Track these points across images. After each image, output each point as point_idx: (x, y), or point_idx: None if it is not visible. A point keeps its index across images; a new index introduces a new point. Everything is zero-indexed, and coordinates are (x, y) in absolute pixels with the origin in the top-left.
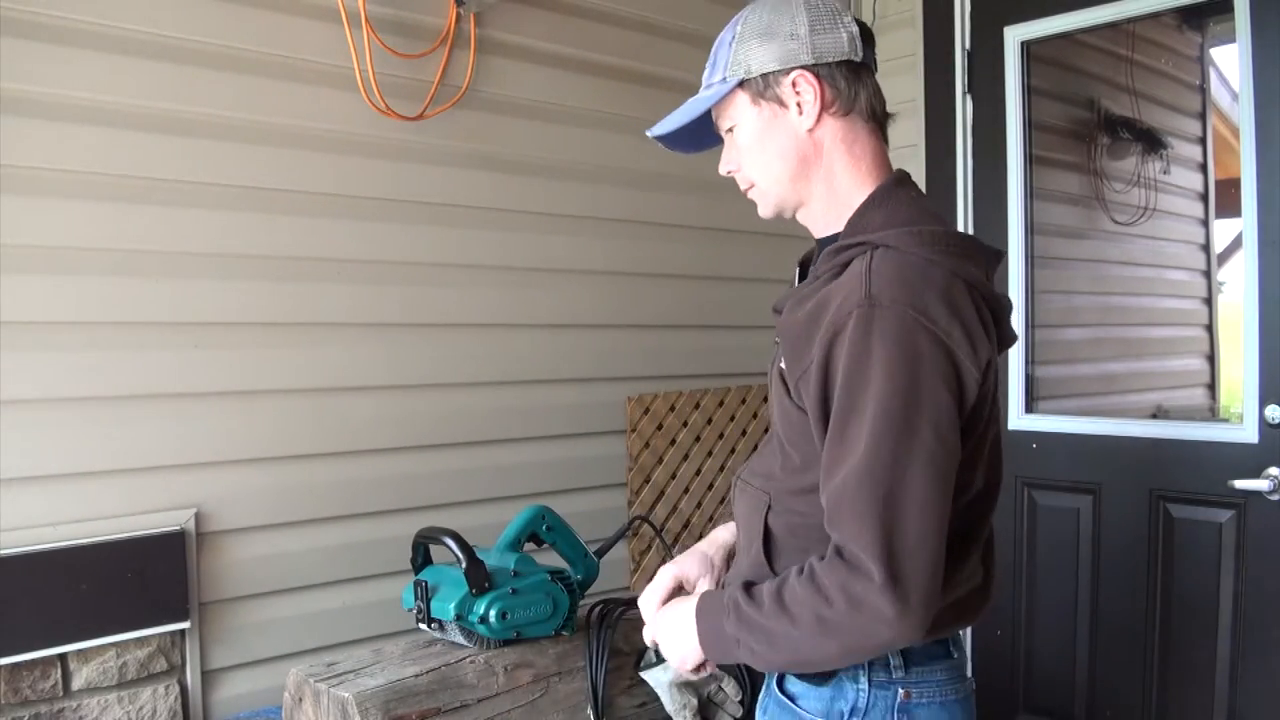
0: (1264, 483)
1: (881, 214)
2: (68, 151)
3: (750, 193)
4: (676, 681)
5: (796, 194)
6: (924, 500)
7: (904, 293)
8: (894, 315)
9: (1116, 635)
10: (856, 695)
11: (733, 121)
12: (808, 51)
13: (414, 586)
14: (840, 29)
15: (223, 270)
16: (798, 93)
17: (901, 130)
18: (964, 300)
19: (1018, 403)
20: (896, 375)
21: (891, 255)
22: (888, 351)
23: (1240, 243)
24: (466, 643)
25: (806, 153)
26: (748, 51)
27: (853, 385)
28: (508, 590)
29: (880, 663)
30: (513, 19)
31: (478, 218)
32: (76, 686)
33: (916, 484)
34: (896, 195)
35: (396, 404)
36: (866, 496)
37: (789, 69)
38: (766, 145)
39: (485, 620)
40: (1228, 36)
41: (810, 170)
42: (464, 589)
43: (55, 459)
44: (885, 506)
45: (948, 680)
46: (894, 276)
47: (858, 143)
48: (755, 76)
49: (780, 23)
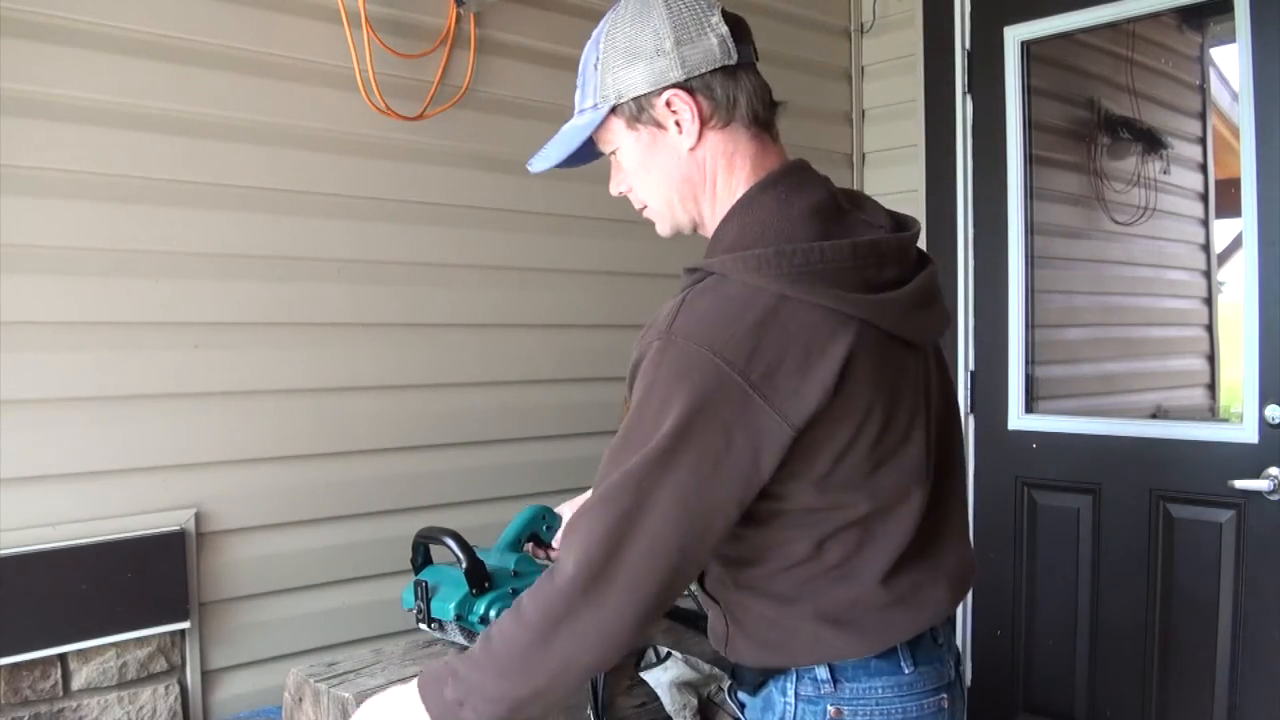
0: (1264, 483)
1: (735, 228)
2: (67, 151)
3: (645, 213)
4: (677, 681)
5: (688, 214)
6: (654, 540)
7: (704, 330)
8: (687, 352)
9: (1116, 635)
10: (784, 708)
11: (613, 145)
12: (677, 67)
13: (414, 586)
14: (707, 33)
15: (222, 270)
16: (674, 112)
17: (901, 130)
18: (790, 327)
19: (1018, 403)
20: (675, 414)
21: (713, 285)
22: (669, 389)
23: (1240, 243)
24: (467, 643)
25: (690, 173)
26: (615, 74)
27: (633, 415)
28: (508, 590)
29: (808, 675)
30: (513, 19)
31: (477, 218)
32: (76, 686)
33: (654, 521)
34: (759, 201)
35: (396, 404)
36: (597, 518)
37: (660, 89)
38: (651, 168)
39: (485, 620)
40: (1228, 36)
41: (696, 190)
42: (464, 589)
43: (55, 459)
44: (610, 532)
45: (893, 697)
46: (704, 311)
47: (738, 153)
48: (627, 101)
49: (643, 38)
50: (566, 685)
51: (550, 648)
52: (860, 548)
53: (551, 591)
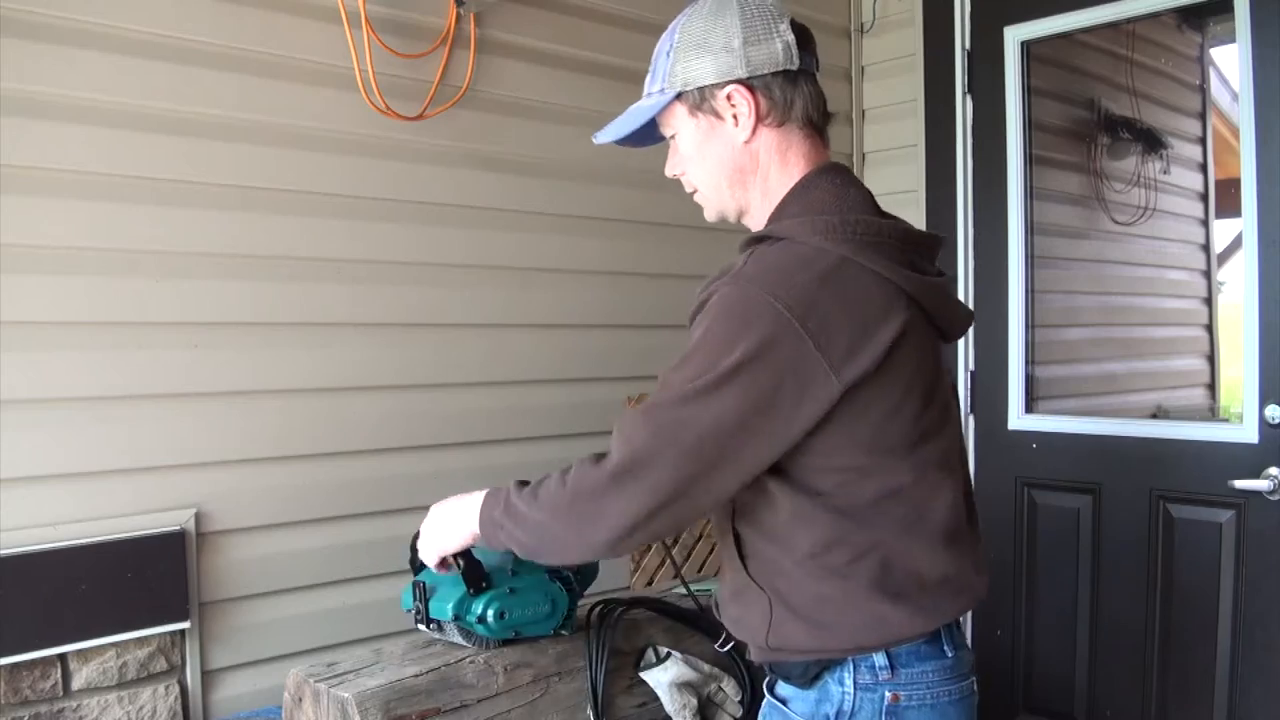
0: (1264, 483)
1: (798, 205)
2: (68, 151)
3: (695, 197)
4: (676, 682)
5: (736, 201)
6: (685, 456)
7: (771, 278)
8: (748, 293)
9: (1116, 635)
10: (842, 698)
11: (673, 130)
12: (742, 65)
13: (412, 588)
14: (775, 39)
15: (223, 270)
16: (733, 106)
17: (901, 130)
18: (849, 288)
19: (1018, 403)
20: (735, 351)
21: (781, 245)
22: (732, 328)
23: (1240, 243)
24: (465, 643)
25: (743, 163)
26: (685, 63)
27: (695, 346)
28: (505, 590)
29: (865, 664)
30: (513, 19)
31: (478, 218)
32: (76, 686)
33: (690, 439)
34: (817, 183)
35: (396, 404)
36: (641, 422)
37: (724, 83)
38: (705, 154)
39: (483, 620)
40: (1228, 36)
41: (747, 179)
42: (462, 589)
43: (55, 459)
44: (653, 436)
45: (940, 681)
46: (772, 262)
47: (791, 150)
48: (692, 90)
49: (715, 34)
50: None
51: (570, 515)
52: (911, 522)
53: (593, 473)
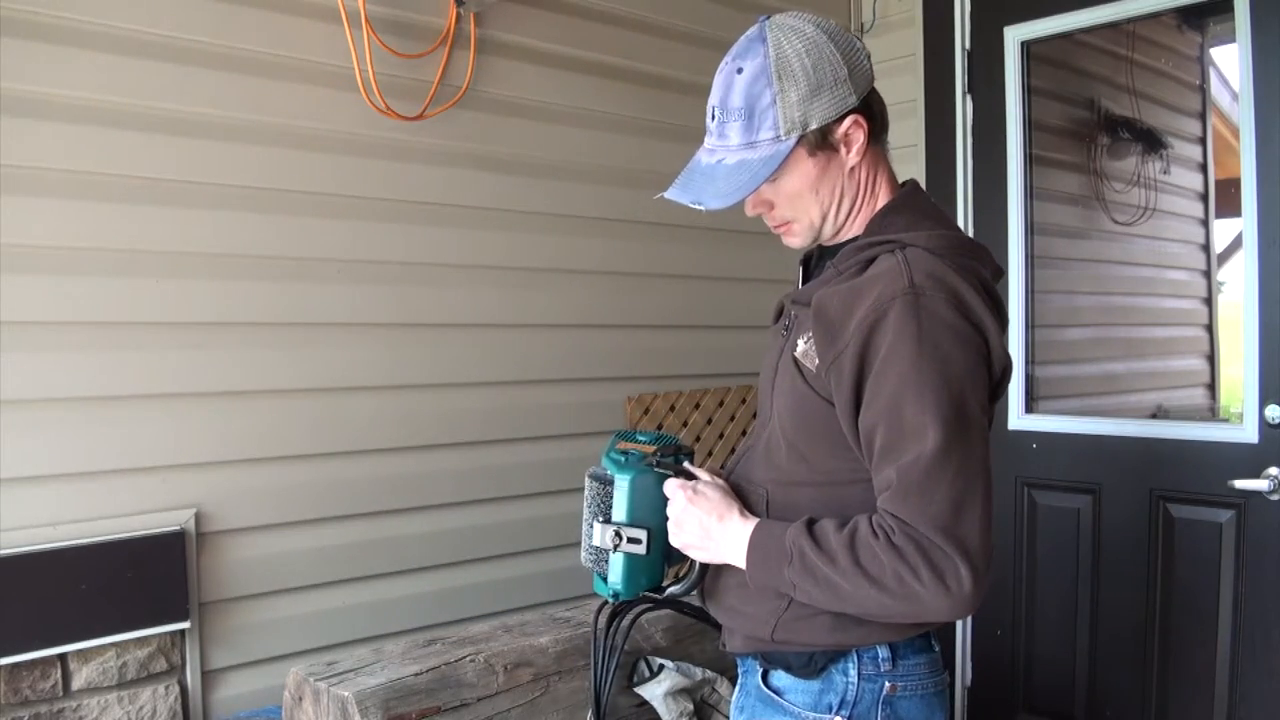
0: (1264, 483)
1: (904, 218)
2: (68, 151)
3: (786, 229)
4: (671, 692)
5: (835, 225)
6: (986, 482)
7: (943, 284)
8: (940, 302)
9: (1116, 635)
10: (846, 688)
11: (782, 174)
12: (852, 93)
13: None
14: (861, 57)
15: (223, 270)
16: (848, 136)
17: (901, 130)
18: (984, 297)
19: (1018, 403)
20: (952, 360)
21: (920, 253)
22: (939, 336)
23: (1240, 243)
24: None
25: (849, 188)
26: (802, 106)
27: (904, 369)
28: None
29: (869, 656)
30: (513, 19)
31: (477, 218)
32: (76, 686)
33: (978, 467)
34: (915, 201)
35: (396, 404)
36: (940, 480)
37: (841, 116)
38: (819, 189)
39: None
40: (1228, 36)
41: (853, 203)
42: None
43: (55, 459)
44: (957, 491)
45: (929, 674)
46: (930, 270)
47: (879, 162)
48: (812, 130)
49: (823, 69)
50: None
51: (892, 596)
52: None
53: (918, 560)
